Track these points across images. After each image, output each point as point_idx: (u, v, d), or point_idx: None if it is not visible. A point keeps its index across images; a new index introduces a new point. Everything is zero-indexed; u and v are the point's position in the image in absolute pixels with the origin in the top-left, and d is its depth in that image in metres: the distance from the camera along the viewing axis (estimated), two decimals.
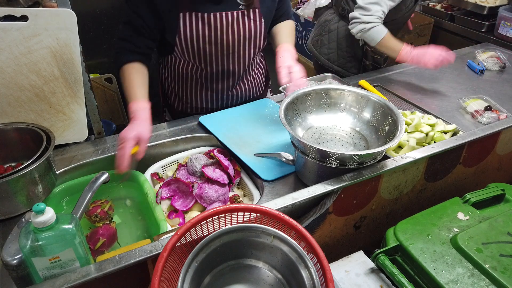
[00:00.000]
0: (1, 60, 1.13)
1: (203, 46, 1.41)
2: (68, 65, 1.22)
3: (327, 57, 2.16)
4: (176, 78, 1.59)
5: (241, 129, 1.47)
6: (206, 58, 1.45)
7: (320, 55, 2.19)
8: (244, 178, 1.32)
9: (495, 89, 1.79)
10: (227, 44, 1.43)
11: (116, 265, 0.88)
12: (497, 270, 0.97)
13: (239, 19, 1.40)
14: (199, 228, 0.89)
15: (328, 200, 1.12)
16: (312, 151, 1.12)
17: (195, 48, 1.41)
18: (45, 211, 0.82)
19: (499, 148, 1.48)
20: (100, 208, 1.18)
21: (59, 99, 1.26)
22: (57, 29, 1.15)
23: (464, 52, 2.16)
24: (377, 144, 1.23)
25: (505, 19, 2.34)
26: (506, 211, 1.16)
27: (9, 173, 1.05)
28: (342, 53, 2.11)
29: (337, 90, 1.34)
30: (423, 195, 1.40)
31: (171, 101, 1.66)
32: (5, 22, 1.10)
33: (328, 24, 2.15)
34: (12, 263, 0.86)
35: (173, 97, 1.64)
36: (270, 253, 0.90)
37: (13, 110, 1.22)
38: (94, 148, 1.37)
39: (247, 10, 1.41)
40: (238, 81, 1.59)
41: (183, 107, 1.64)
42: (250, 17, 1.42)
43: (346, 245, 1.31)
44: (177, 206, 1.20)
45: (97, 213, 1.16)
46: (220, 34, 1.40)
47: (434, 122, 1.45)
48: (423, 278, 1.02)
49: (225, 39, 1.41)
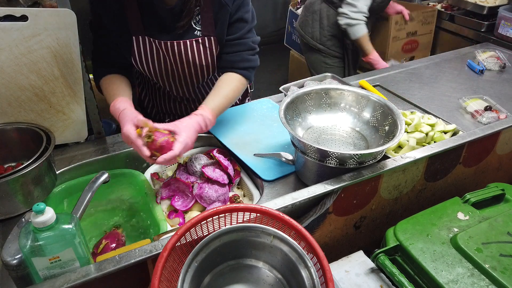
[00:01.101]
0: (1, 60, 1.13)
1: (158, 69, 1.38)
2: (68, 65, 1.22)
3: (311, 36, 2.45)
4: (147, 86, 1.62)
5: (241, 129, 1.47)
6: (164, 80, 1.43)
7: (305, 34, 2.49)
8: (244, 178, 1.32)
9: (495, 89, 1.79)
10: (182, 72, 1.39)
11: (116, 265, 0.88)
12: (497, 270, 0.97)
13: (193, 48, 1.33)
14: (199, 228, 0.89)
15: (328, 200, 1.12)
16: (312, 151, 1.12)
17: (151, 70, 1.38)
18: (45, 211, 0.82)
19: (499, 148, 1.48)
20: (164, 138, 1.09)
21: (59, 99, 1.26)
22: (57, 29, 1.15)
23: (464, 52, 2.17)
24: (377, 144, 1.23)
25: (505, 19, 2.34)
26: (506, 211, 1.16)
27: (9, 173, 1.05)
28: (323, 32, 2.39)
29: (337, 90, 1.34)
30: (423, 195, 1.40)
31: (144, 104, 1.67)
32: (5, 22, 1.09)
33: (312, 6, 2.43)
34: (12, 263, 0.86)
35: (147, 101, 1.65)
36: (270, 253, 0.90)
37: (13, 110, 1.22)
38: (94, 148, 1.37)
39: (202, 38, 1.32)
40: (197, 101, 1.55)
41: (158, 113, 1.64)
42: (205, 45, 1.34)
43: (346, 245, 1.31)
44: (177, 206, 1.20)
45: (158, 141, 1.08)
46: (174, 62, 1.35)
47: (434, 122, 1.44)
48: (423, 278, 1.02)
49: (179, 67, 1.37)
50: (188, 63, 1.36)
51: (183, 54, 1.33)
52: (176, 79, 1.43)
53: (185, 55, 1.33)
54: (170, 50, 1.32)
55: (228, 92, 1.34)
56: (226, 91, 1.34)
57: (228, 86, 1.35)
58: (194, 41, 1.32)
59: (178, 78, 1.43)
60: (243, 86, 1.40)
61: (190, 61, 1.35)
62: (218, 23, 1.31)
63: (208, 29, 1.31)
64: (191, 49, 1.33)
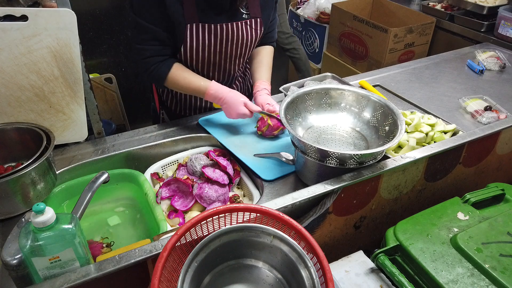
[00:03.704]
0: (1, 60, 1.13)
1: (207, 56, 1.43)
2: (68, 65, 1.22)
3: None
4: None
5: (241, 129, 1.47)
6: (210, 65, 1.47)
7: None
8: (244, 178, 1.32)
9: (495, 89, 1.79)
10: (230, 53, 1.46)
11: (116, 265, 0.88)
12: (497, 270, 0.97)
13: (243, 28, 1.42)
14: (199, 228, 0.89)
15: (328, 200, 1.12)
16: (312, 151, 1.12)
17: (199, 57, 1.43)
18: (45, 211, 0.82)
19: (499, 148, 1.48)
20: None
21: (59, 99, 1.26)
22: (57, 29, 1.15)
23: (464, 52, 2.17)
24: (377, 144, 1.23)
25: (505, 19, 2.34)
26: (506, 211, 1.16)
27: (9, 173, 1.05)
28: None
29: (337, 90, 1.34)
30: (423, 195, 1.40)
31: (168, 103, 1.67)
32: (5, 22, 1.09)
33: None
34: (12, 263, 0.86)
35: (170, 99, 1.65)
36: (270, 253, 0.90)
37: (13, 110, 1.22)
38: (94, 148, 1.37)
39: (249, 20, 1.43)
40: (234, 81, 1.62)
41: (181, 109, 1.65)
42: (252, 26, 1.44)
43: (346, 245, 1.31)
44: (177, 206, 1.20)
45: None
46: (225, 44, 1.42)
47: (434, 122, 1.44)
48: (423, 278, 1.02)
49: (229, 48, 1.44)
50: (237, 43, 1.44)
51: (235, 35, 1.42)
52: (222, 61, 1.48)
53: (236, 36, 1.42)
54: (224, 32, 1.39)
55: (270, 62, 1.60)
56: (269, 62, 1.59)
57: (269, 57, 1.60)
58: (243, 23, 1.42)
59: (224, 60, 1.48)
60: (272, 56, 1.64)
61: (239, 41, 1.44)
62: (265, 7, 1.47)
63: (255, 12, 1.44)
64: (241, 30, 1.42)
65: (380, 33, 2.65)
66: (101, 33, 2.64)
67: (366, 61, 2.89)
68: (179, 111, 1.66)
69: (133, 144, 1.39)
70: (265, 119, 1.41)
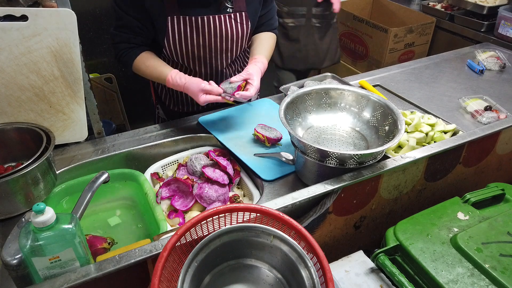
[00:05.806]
0: (1, 60, 1.13)
1: (191, 49, 1.43)
2: (68, 65, 1.22)
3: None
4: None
5: (241, 129, 1.47)
6: (195, 59, 1.47)
7: None
8: (244, 178, 1.32)
9: (495, 89, 1.79)
10: (215, 47, 1.45)
11: (116, 265, 0.88)
12: (497, 270, 0.97)
13: (226, 22, 1.41)
14: (199, 228, 0.89)
15: (328, 200, 1.12)
16: (312, 151, 1.12)
17: (183, 50, 1.42)
18: (45, 211, 0.82)
19: (499, 148, 1.48)
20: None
21: (59, 99, 1.26)
22: (57, 29, 1.15)
23: (464, 52, 2.16)
24: (377, 144, 1.23)
25: (505, 19, 2.34)
26: (506, 211, 1.16)
27: (9, 173, 1.05)
28: None
29: (337, 90, 1.34)
30: (423, 195, 1.40)
31: (162, 99, 1.68)
32: (5, 22, 1.10)
33: None
34: (12, 263, 0.86)
35: (164, 95, 1.66)
36: (270, 253, 0.90)
37: (13, 110, 1.22)
38: (94, 148, 1.37)
39: (234, 14, 1.42)
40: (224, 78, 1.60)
41: (175, 105, 1.65)
42: (237, 20, 1.43)
43: (346, 245, 1.31)
44: (177, 206, 1.20)
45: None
46: (208, 37, 1.41)
47: (434, 122, 1.44)
48: (423, 278, 1.02)
49: (213, 42, 1.43)
50: (221, 37, 1.43)
51: (218, 28, 1.41)
52: (207, 55, 1.47)
53: (219, 29, 1.41)
54: (206, 25, 1.39)
55: (271, 44, 1.57)
56: (269, 43, 1.56)
57: (269, 40, 1.57)
58: (227, 16, 1.41)
59: (209, 54, 1.47)
60: (275, 41, 1.62)
61: (223, 35, 1.43)
62: (250, 1, 1.45)
63: (239, 5, 1.43)
64: (224, 23, 1.41)
65: (380, 33, 2.66)
66: (101, 33, 2.63)
67: (366, 61, 2.89)
68: (173, 107, 1.66)
69: (133, 144, 1.39)
70: (262, 139, 1.37)
